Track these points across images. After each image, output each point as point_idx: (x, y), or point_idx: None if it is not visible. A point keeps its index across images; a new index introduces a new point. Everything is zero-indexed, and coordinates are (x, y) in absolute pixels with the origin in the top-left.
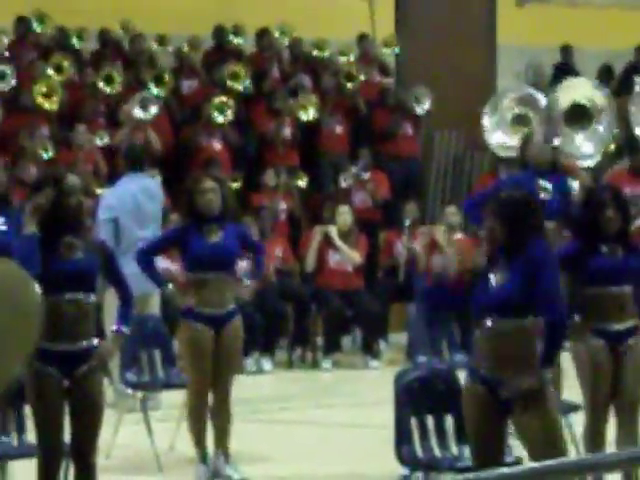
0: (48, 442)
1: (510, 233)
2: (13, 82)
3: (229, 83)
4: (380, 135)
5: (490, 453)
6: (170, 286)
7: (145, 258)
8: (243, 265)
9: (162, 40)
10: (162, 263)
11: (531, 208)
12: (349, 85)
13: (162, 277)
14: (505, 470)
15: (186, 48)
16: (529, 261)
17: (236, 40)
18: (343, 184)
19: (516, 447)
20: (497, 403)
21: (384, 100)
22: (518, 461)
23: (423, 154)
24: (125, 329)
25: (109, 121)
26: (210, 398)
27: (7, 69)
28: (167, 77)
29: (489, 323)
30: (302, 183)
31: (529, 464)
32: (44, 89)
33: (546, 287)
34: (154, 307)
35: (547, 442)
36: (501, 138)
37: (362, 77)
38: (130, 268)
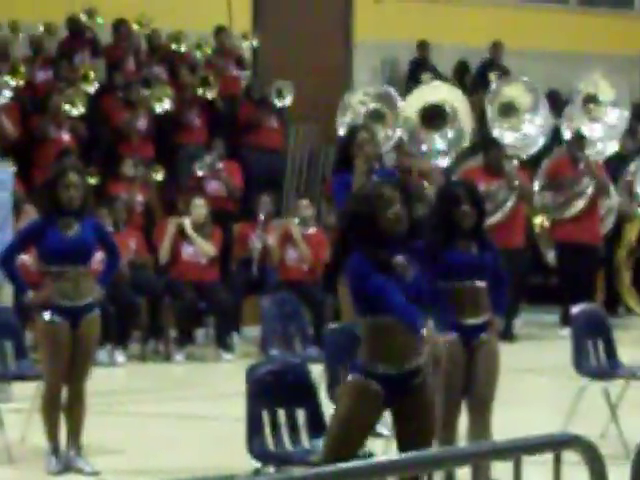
0: None
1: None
2: None
3: (79, 84)
4: (244, 127)
5: (354, 448)
6: (30, 294)
7: (8, 264)
8: (98, 258)
9: (15, 27)
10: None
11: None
12: (208, 93)
13: (25, 284)
14: (359, 463)
15: (41, 33)
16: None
17: (90, 29)
18: (198, 173)
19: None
20: (384, 399)
21: (249, 93)
22: (371, 454)
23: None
24: None
25: None
26: (64, 390)
27: None
28: (21, 67)
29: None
30: (159, 176)
31: (381, 458)
32: None
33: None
34: (6, 297)
35: (433, 425)
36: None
37: (213, 78)
38: None
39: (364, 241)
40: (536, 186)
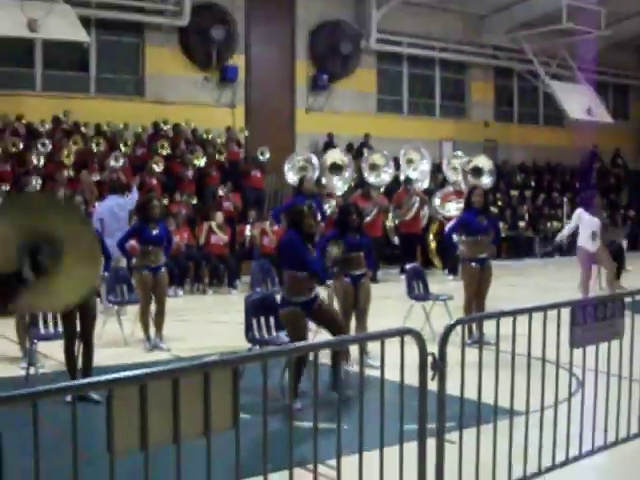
0: None
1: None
2: None
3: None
4: (244, 176)
5: (304, 334)
6: None
7: None
8: None
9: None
10: None
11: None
12: (221, 157)
13: None
14: (304, 343)
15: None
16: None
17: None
18: (220, 195)
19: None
20: (305, 315)
21: (246, 158)
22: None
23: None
24: None
25: None
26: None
27: None
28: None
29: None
30: (194, 201)
31: (315, 340)
32: None
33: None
34: None
35: (336, 318)
36: (293, 178)
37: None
38: None
39: (296, 231)
40: (390, 207)
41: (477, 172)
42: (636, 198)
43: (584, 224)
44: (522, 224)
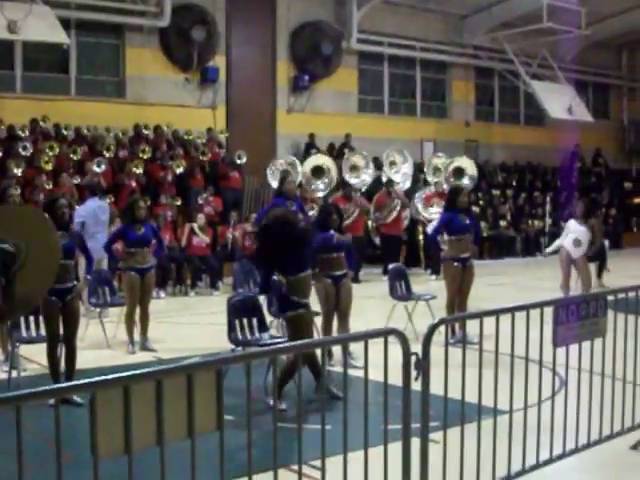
0: None
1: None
2: None
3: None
4: (222, 177)
5: (311, 332)
6: None
7: None
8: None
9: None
10: None
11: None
12: (204, 158)
13: None
14: (291, 344)
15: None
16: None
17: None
18: (199, 201)
19: None
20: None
21: (224, 159)
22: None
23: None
24: None
25: None
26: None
27: None
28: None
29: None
30: (178, 202)
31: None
32: None
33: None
34: None
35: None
36: (274, 182)
37: (206, 151)
38: None
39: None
40: (371, 210)
41: (458, 173)
42: (617, 197)
43: (570, 231)
44: (503, 223)
